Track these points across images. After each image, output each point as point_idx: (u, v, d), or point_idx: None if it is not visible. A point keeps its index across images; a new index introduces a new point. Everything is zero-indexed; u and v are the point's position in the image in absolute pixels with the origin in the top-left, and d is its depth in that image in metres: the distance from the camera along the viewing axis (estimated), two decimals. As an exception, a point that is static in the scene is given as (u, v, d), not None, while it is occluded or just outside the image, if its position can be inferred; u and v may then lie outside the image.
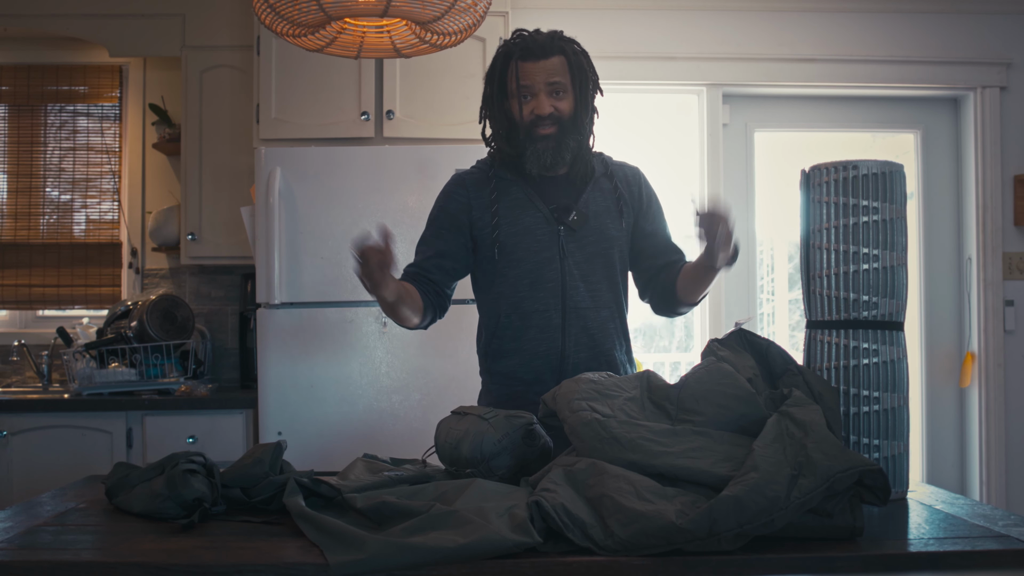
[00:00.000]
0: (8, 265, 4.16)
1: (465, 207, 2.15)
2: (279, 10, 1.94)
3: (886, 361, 1.70)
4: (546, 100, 2.06)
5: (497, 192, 2.13)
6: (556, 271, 2.09)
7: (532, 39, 2.08)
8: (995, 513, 1.58)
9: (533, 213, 2.11)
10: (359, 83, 3.55)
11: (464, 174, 2.20)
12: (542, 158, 2.07)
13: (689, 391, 1.60)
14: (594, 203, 2.13)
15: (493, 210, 2.12)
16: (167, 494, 1.59)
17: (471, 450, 1.71)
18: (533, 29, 2.11)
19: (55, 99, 4.21)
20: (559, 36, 2.10)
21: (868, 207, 1.70)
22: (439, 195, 2.21)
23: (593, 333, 2.11)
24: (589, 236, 2.10)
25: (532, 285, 2.10)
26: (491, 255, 2.12)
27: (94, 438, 3.40)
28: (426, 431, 2.90)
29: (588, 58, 2.13)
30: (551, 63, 2.06)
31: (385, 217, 3.27)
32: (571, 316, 2.09)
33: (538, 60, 2.06)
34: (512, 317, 2.12)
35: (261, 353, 3.25)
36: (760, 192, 4.17)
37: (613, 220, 2.13)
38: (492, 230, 2.11)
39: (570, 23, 3.97)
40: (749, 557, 1.31)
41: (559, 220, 2.10)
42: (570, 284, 2.09)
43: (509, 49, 2.09)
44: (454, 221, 2.15)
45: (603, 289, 2.12)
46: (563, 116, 2.07)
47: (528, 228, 2.10)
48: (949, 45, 4.05)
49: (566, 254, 2.09)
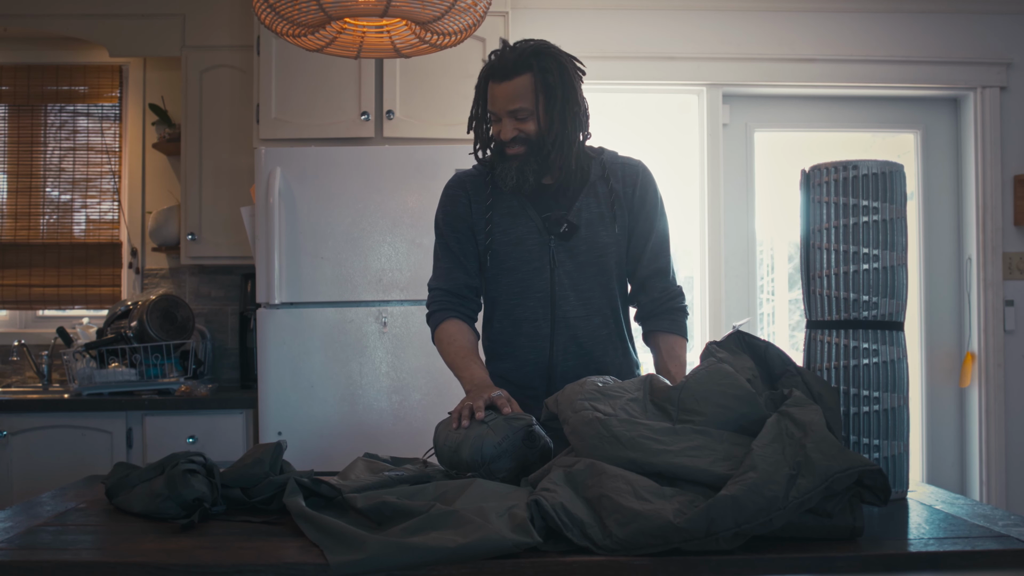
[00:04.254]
0: (8, 265, 4.16)
1: (466, 208, 2.16)
2: (279, 10, 1.94)
3: (886, 361, 1.70)
4: (509, 124, 2.02)
5: (493, 199, 2.13)
6: (546, 281, 2.10)
7: (502, 58, 2.02)
8: (995, 513, 1.58)
9: (525, 222, 2.11)
10: (359, 83, 3.54)
11: (464, 175, 2.20)
12: (507, 177, 2.05)
13: (689, 392, 1.60)
14: (587, 210, 2.11)
15: (488, 216, 2.13)
16: (167, 494, 1.59)
17: (471, 454, 1.71)
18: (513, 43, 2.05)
19: (55, 99, 4.21)
20: (530, 50, 2.01)
21: (868, 207, 1.70)
22: (442, 198, 2.21)
23: (583, 342, 2.11)
24: (580, 245, 2.10)
25: (522, 294, 2.11)
26: (484, 262, 2.14)
27: (94, 438, 3.40)
28: (426, 431, 2.90)
29: (563, 70, 2.02)
30: (515, 85, 1.99)
31: (385, 217, 3.27)
32: (560, 326, 2.10)
33: (501, 82, 2.01)
34: (504, 323, 2.15)
35: (261, 353, 3.25)
36: (760, 192, 4.17)
37: (606, 226, 2.12)
38: (486, 237, 2.13)
39: (570, 23, 3.99)
40: (748, 557, 1.31)
41: (550, 231, 2.09)
42: (559, 294, 2.10)
43: (485, 67, 2.07)
44: (462, 223, 2.16)
45: (596, 297, 2.12)
46: (530, 137, 2.02)
47: (520, 238, 2.11)
48: (949, 45, 4.05)
49: (556, 264, 2.09)
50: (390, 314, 3.25)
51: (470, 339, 2.12)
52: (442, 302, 2.16)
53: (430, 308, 2.18)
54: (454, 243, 2.16)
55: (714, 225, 3.99)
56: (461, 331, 2.12)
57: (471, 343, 2.12)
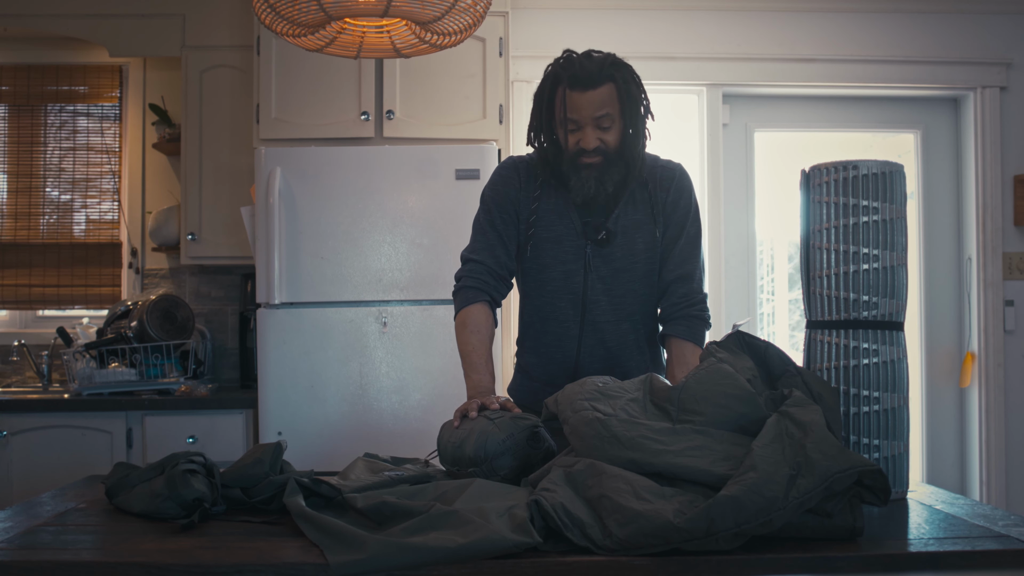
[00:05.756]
0: (8, 265, 4.16)
1: (516, 192, 2.15)
2: (279, 10, 1.94)
3: (886, 361, 1.70)
4: (592, 133, 2.02)
5: (541, 191, 2.14)
6: (579, 284, 2.11)
7: (582, 67, 2.00)
8: (995, 513, 1.58)
9: (566, 224, 2.12)
10: (359, 83, 3.55)
11: (519, 161, 2.19)
12: (585, 188, 2.05)
13: (690, 392, 1.60)
14: (625, 217, 2.11)
15: (533, 208, 2.14)
16: (167, 494, 1.58)
17: (475, 449, 1.71)
18: (583, 52, 2.04)
19: (55, 99, 4.21)
20: (610, 62, 2.02)
21: (868, 207, 1.70)
22: (494, 175, 2.20)
23: (610, 347, 2.13)
24: (616, 252, 2.11)
25: (555, 292, 2.13)
26: (524, 251, 2.15)
27: (94, 438, 3.40)
28: (426, 431, 2.91)
29: (638, 84, 2.06)
30: (599, 93, 2.00)
31: (385, 217, 3.27)
32: (589, 328, 2.12)
33: (586, 90, 1.99)
34: (534, 317, 2.18)
35: (261, 353, 3.25)
36: (760, 192, 4.17)
37: (644, 233, 2.12)
38: (528, 228, 2.14)
39: (570, 23, 3.99)
40: (749, 557, 1.31)
41: (588, 236, 2.10)
42: (591, 298, 2.11)
43: (558, 73, 2.03)
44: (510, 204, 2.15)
45: (628, 303, 2.13)
46: (608, 148, 2.04)
47: (559, 237, 2.12)
48: (949, 45, 4.05)
49: (591, 269, 2.11)
50: (390, 314, 3.25)
51: (489, 333, 2.09)
52: (477, 278, 2.12)
53: (461, 280, 2.15)
54: (499, 221, 2.14)
55: (714, 225, 3.99)
56: (484, 323, 2.09)
57: (487, 340, 2.08)
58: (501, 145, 3.50)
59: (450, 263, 3.24)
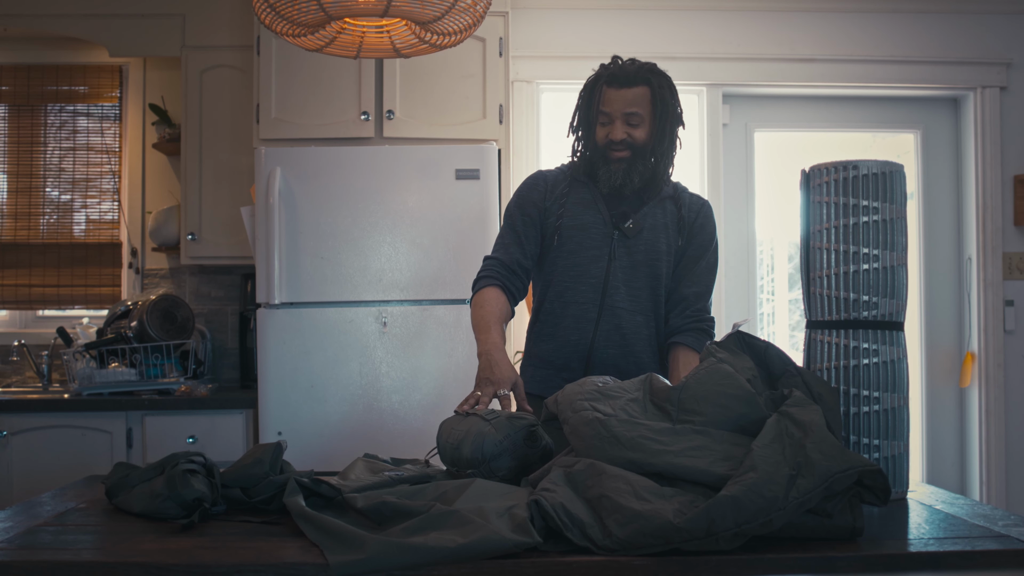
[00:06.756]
0: (8, 265, 4.16)
1: (541, 195, 2.29)
2: (279, 10, 1.94)
3: (886, 361, 1.70)
4: (621, 127, 2.18)
5: (570, 188, 2.27)
6: (602, 270, 2.22)
7: (621, 68, 2.19)
8: (995, 513, 1.58)
9: (594, 214, 2.24)
10: (359, 83, 3.55)
11: (546, 171, 2.36)
12: (613, 178, 2.21)
13: (689, 392, 1.60)
14: (651, 217, 2.24)
15: (562, 202, 2.26)
16: (167, 494, 1.59)
17: (472, 450, 1.71)
18: (628, 59, 2.22)
19: (55, 99, 4.21)
20: (649, 68, 2.21)
21: (868, 207, 1.70)
22: (520, 186, 2.35)
23: (625, 333, 2.21)
24: (639, 246, 2.22)
25: (577, 278, 2.22)
26: (551, 242, 2.25)
27: (94, 438, 3.40)
28: (426, 431, 2.91)
29: (674, 92, 2.23)
30: (633, 92, 2.17)
31: (385, 217, 3.27)
32: (606, 313, 2.21)
33: (621, 88, 2.17)
34: (554, 304, 2.26)
35: (261, 353, 3.25)
36: (760, 192, 4.17)
37: (666, 237, 2.24)
38: (556, 219, 2.25)
39: (570, 23, 3.99)
40: (749, 557, 1.31)
41: (615, 225, 2.22)
42: (612, 285, 2.21)
43: (599, 74, 2.22)
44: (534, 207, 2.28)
45: (644, 297, 2.23)
46: (636, 143, 2.19)
47: (586, 225, 2.23)
48: (949, 45, 4.05)
49: (615, 257, 2.22)
50: (390, 314, 3.25)
51: (502, 307, 2.19)
52: (491, 270, 2.25)
53: (478, 275, 2.27)
54: (520, 224, 2.28)
55: (714, 225, 3.99)
56: (496, 298, 2.19)
57: (500, 311, 2.17)
58: (501, 145, 3.50)
59: (450, 263, 3.26)
